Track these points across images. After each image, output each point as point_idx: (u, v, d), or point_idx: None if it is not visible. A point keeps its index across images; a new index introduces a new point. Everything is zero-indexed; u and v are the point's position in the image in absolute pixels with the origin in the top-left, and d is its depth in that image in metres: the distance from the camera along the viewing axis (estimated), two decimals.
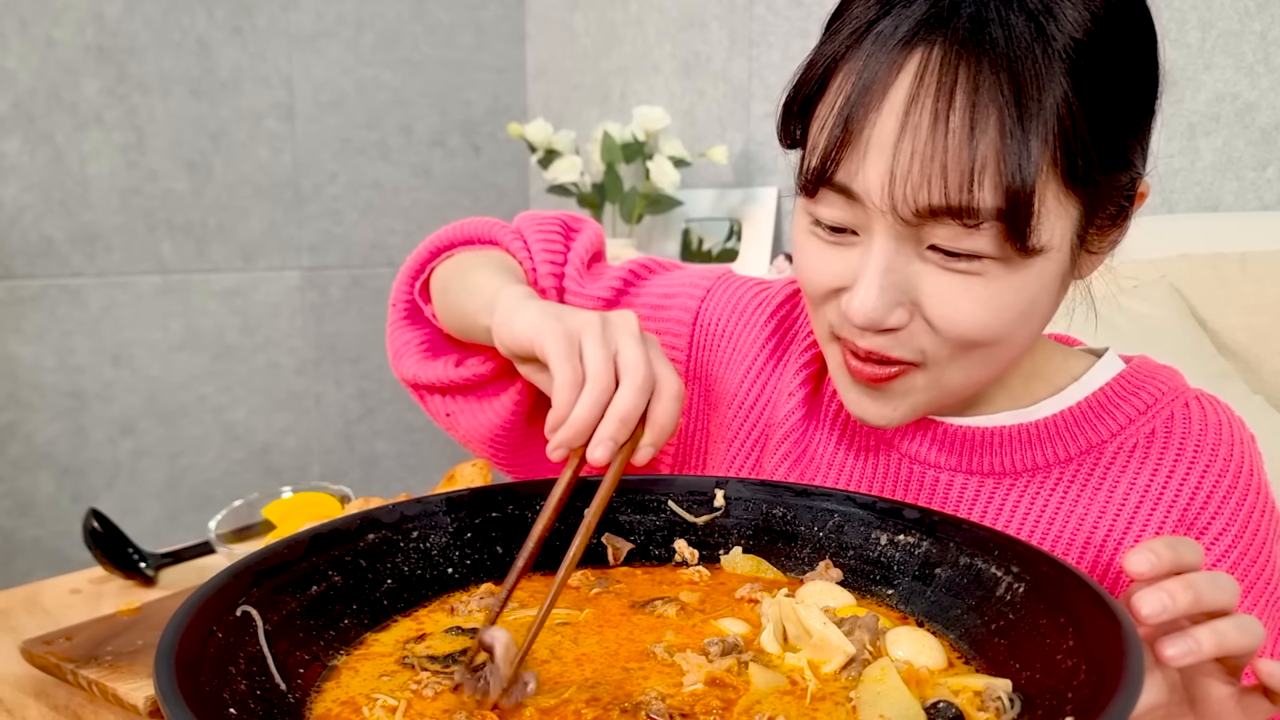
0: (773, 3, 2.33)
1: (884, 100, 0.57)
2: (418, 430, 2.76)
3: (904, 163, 0.56)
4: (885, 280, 0.59)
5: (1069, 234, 0.60)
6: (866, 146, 0.57)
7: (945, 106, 0.55)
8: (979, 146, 0.55)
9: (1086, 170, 0.57)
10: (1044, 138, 0.55)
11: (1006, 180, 0.55)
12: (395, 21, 2.60)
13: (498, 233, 0.86)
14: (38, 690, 0.76)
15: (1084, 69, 0.56)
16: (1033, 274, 0.59)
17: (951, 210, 0.56)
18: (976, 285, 0.59)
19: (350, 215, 2.57)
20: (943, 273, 0.59)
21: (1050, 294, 0.62)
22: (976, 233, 0.57)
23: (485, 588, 0.59)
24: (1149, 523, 0.67)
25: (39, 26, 2.07)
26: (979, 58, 0.55)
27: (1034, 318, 0.63)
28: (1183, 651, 0.47)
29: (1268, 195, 1.78)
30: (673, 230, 2.52)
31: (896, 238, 0.59)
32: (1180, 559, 0.49)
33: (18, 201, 2.08)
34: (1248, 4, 1.75)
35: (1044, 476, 0.69)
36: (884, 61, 0.57)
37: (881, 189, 0.57)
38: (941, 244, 0.58)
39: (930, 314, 0.60)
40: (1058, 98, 0.55)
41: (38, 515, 2.17)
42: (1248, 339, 1.55)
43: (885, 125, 0.57)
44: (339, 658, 0.51)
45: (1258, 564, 0.68)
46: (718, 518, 0.64)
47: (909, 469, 0.72)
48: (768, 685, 0.47)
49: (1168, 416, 0.69)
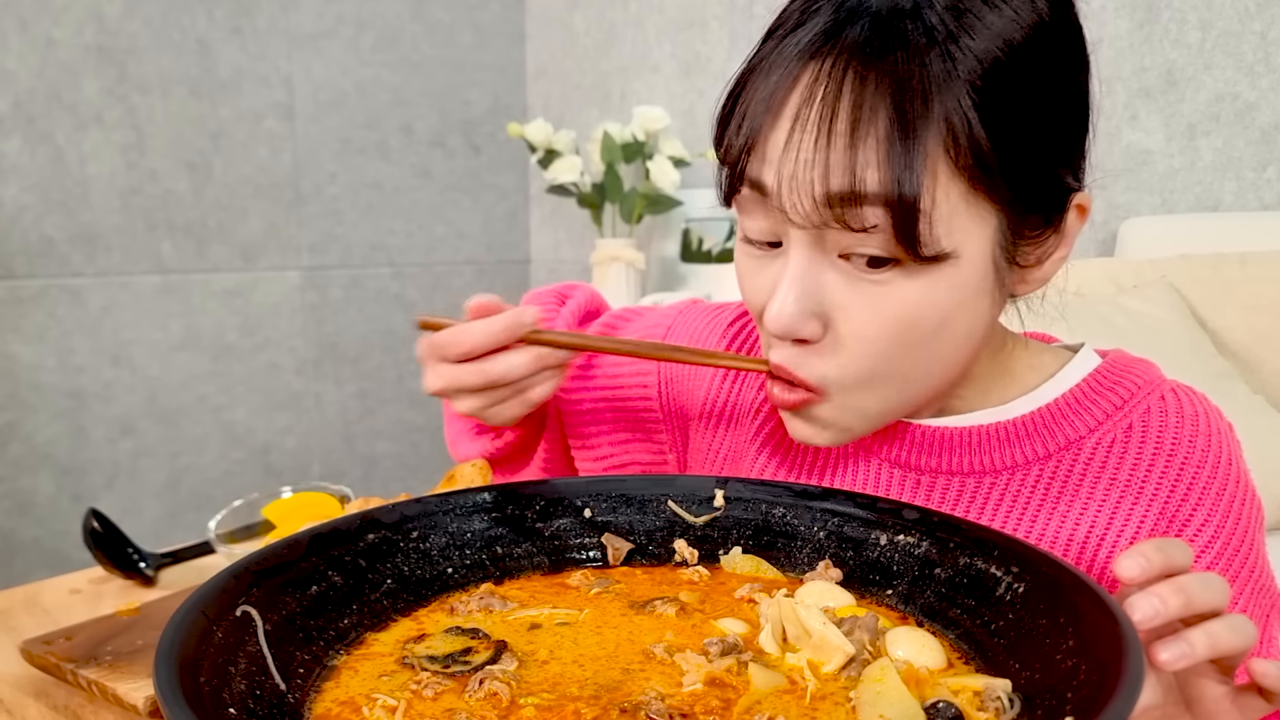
0: (772, 3, 2.33)
1: (783, 105, 0.59)
2: (418, 430, 2.76)
3: (790, 166, 0.58)
4: (799, 286, 0.61)
5: (986, 243, 0.60)
6: (765, 152, 0.60)
7: (830, 111, 0.57)
8: (859, 149, 0.56)
9: (996, 180, 0.58)
10: (939, 141, 0.56)
11: (889, 182, 0.56)
12: (395, 21, 2.60)
13: None
14: (37, 690, 0.76)
15: (990, 83, 0.57)
16: (943, 283, 0.60)
17: (836, 204, 0.58)
18: (883, 295, 0.60)
19: (350, 215, 2.57)
20: (852, 282, 0.61)
21: (969, 310, 0.62)
22: (868, 236, 0.58)
23: (485, 587, 0.59)
24: (1130, 517, 0.67)
25: (39, 26, 2.07)
26: (867, 66, 0.57)
27: (950, 335, 0.62)
28: (1176, 655, 0.48)
29: (1268, 195, 1.78)
30: (672, 230, 2.52)
31: (808, 245, 0.61)
32: (1170, 561, 0.50)
33: (18, 201, 2.08)
34: (1248, 4, 1.75)
35: (1024, 474, 0.70)
36: (787, 69, 0.59)
37: (775, 193, 0.60)
38: (846, 249, 0.60)
39: (838, 326, 0.62)
40: (953, 107, 0.56)
41: (38, 515, 2.17)
42: (1248, 339, 1.55)
43: (780, 128, 0.59)
44: (339, 658, 0.51)
45: (1240, 553, 0.68)
46: (717, 518, 0.64)
47: (889, 473, 0.72)
48: (767, 685, 0.47)
49: (1145, 410, 0.69)
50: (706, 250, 2.45)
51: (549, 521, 0.63)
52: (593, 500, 0.64)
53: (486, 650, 0.50)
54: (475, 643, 0.51)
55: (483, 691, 0.46)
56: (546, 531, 0.63)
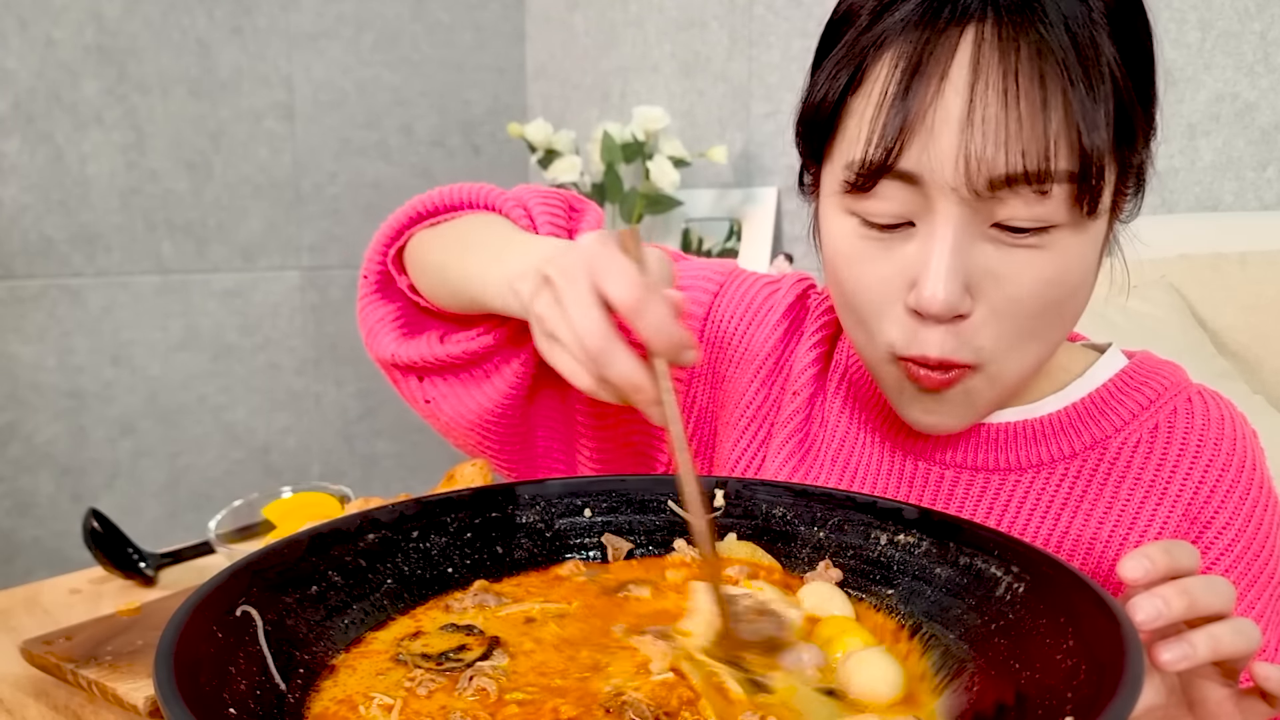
0: (773, 3, 2.33)
1: (945, 80, 0.56)
2: (417, 430, 2.76)
3: (978, 138, 0.56)
4: (955, 260, 0.58)
5: (1109, 198, 0.61)
6: (933, 127, 0.57)
7: (1012, 78, 0.55)
8: (1052, 113, 0.55)
9: (1131, 133, 0.58)
10: (1107, 96, 0.56)
11: (1083, 143, 0.55)
12: (395, 21, 2.60)
13: (495, 198, 0.79)
14: (38, 690, 0.76)
15: (1122, 33, 0.57)
16: (1090, 240, 0.60)
17: (1029, 176, 0.56)
18: (1041, 259, 0.59)
19: (350, 215, 2.57)
20: (1008, 249, 0.59)
21: (1096, 264, 0.63)
22: (1047, 199, 0.57)
23: (479, 584, 0.58)
24: (1154, 518, 0.68)
25: (39, 26, 2.07)
26: (1033, 28, 0.55)
27: (1085, 287, 0.63)
28: (1178, 656, 0.48)
29: (1268, 195, 1.78)
30: (673, 230, 2.52)
31: (962, 216, 0.58)
32: (1175, 564, 0.50)
33: (18, 201, 2.08)
34: (1248, 4, 1.75)
35: (1049, 472, 0.70)
36: (934, 43, 0.57)
37: (955, 166, 0.57)
38: (1008, 219, 0.58)
39: (994, 296, 0.60)
40: (1111, 61, 0.56)
41: (38, 515, 2.17)
42: (1248, 339, 1.55)
43: (952, 103, 0.56)
44: (338, 656, 0.51)
45: (1261, 557, 0.68)
46: (718, 518, 0.64)
47: (914, 466, 0.72)
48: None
49: (1171, 412, 0.69)
50: (706, 250, 2.45)
51: (549, 522, 0.63)
52: (593, 500, 0.64)
53: (480, 646, 0.50)
54: (469, 639, 0.51)
55: (472, 688, 0.46)
56: (547, 532, 0.63)
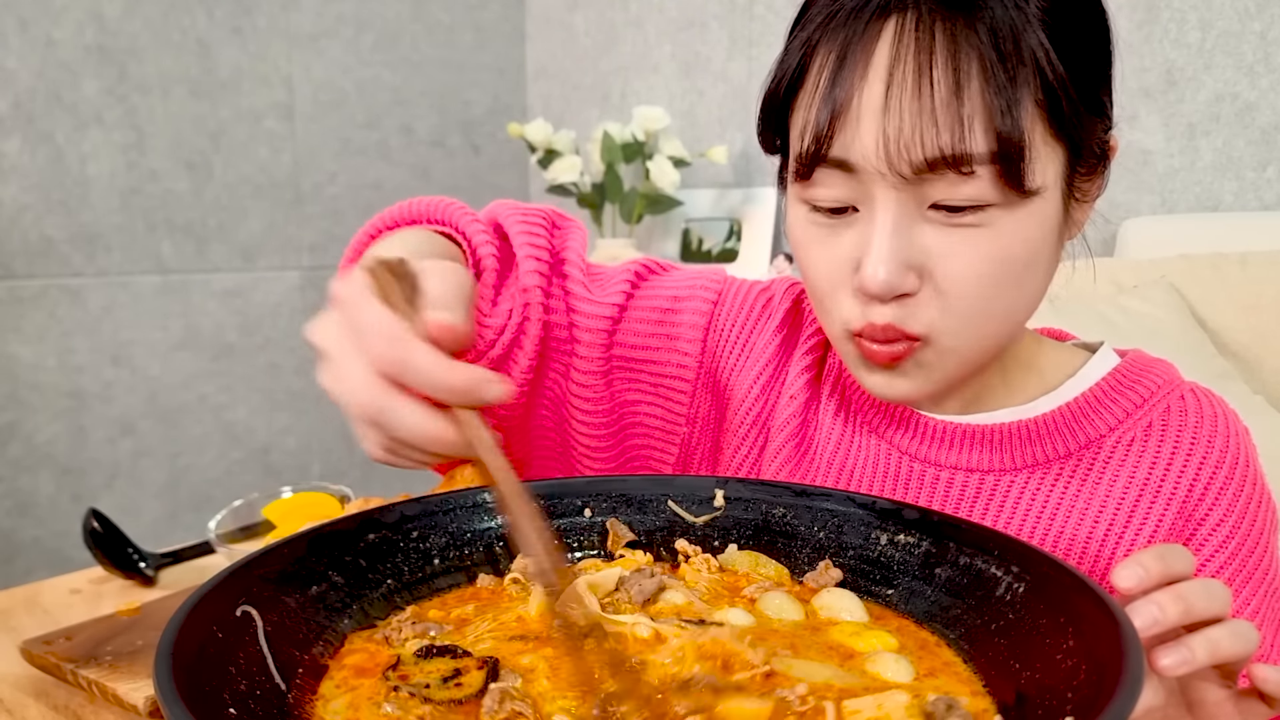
0: (773, 3, 2.33)
1: (867, 68, 0.58)
2: None
3: (894, 122, 0.58)
4: (894, 242, 0.60)
5: (1059, 177, 0.61)
6: (858, 115, 0.59)
7: (927, 62, 0.57)
8: (965, 96, 0.57)
9: (1070, 113, 0.59)
10: (1027, 81, 0.57)
11: (997, 125, 0.57)
12: (395, 21, 2.60)
13: (453, 215, 0.73)
14: (38, 690, 0.76)
15: (1057, 17, 0.58)
16: (1033, 219, 0.61)
17: (947, 160, 0.57)
18: (980, 237, 0.60)
19: (350, 215, 2.57)
20: (947, 229, 0.60)
21: (1050, 246, 0.63)
22: (973, 179, 0.58)
23: (411, 611, 0.54)
24: (1149, 516, 0.68)
25: (39, 26, 2.07)
26: (951, 14, 0.57)
27: (1037, 270, 0.63)
28: (1177, 661, 0.48)
29: (1268, 195, 1.78)
30: (673, 230, 2.52)
31: (898, 200, 0.60)
32: (1170, 569, 0.50)
33: (18, 201, 2.08)
34: (1248, 4, 1.75)
35: (1043, 472, 0.70)
36: (860, 33, 0.59)
37: (878, 152, 0.59)
38: (942, 199, 0.59)
39: (938, 274, 0.61)
40: (1035, 44, 0.57)
41: (38, 515, 2.17)
42: (1248, 339, 1.55)
43: (872, 91, 0.58)
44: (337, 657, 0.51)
45: (1255, 554, 0.68)
46: (717, 518, 0.64)
47: (909, 466, 0.72)
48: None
49: (1164, 410, 0.70)
50: (706, 250, 2.45)
51: (549, 521, 0.63)
52: (593, 500, 0.64)
53: (478, 668, 0.47)
54: (459, 662, 0.47)
55: (505, 711, 0.42)
56: None
